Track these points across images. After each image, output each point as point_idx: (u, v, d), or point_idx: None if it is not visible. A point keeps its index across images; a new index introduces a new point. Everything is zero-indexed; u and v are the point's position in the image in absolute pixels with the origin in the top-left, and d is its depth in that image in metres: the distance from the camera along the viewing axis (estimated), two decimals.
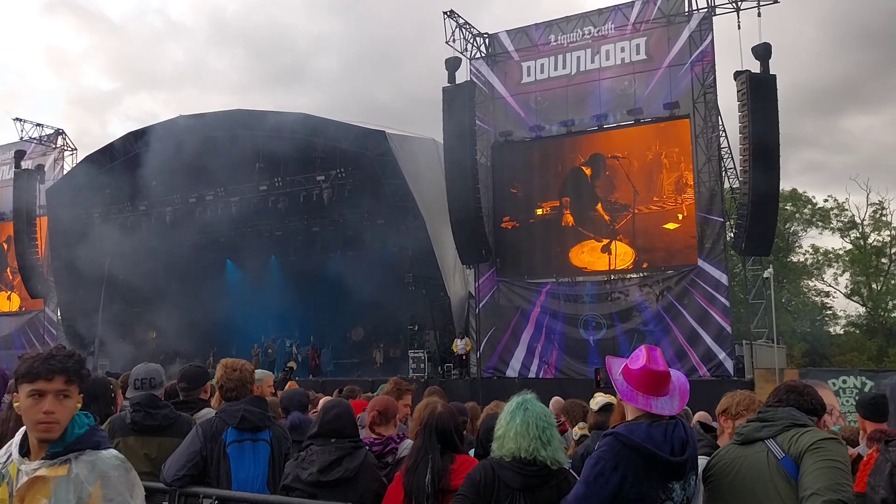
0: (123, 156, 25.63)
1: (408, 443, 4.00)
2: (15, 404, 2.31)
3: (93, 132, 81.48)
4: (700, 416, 5.28)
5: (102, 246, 26.72)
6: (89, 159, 26.84)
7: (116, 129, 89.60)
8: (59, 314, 29.28)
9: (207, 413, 4.48)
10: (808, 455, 2.58)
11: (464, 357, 22.17)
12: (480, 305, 21.28)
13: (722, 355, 17.78)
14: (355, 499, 3.39)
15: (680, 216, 18.68)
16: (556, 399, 6.94)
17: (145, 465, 4.05)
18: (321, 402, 5.39)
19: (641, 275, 19.88)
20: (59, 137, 30.63)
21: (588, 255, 19.90)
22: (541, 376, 19.64)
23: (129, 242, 27.15)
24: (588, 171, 19.89)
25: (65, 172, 29.39)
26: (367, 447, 3.90)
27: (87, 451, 2.27)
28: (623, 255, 19.42)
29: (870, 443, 4.12)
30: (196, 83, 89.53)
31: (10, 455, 2.30)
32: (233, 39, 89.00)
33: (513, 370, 20.17)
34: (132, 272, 27.47)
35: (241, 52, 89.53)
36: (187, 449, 3.82)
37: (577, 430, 5.66)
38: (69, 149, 30.72)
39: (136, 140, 25.75)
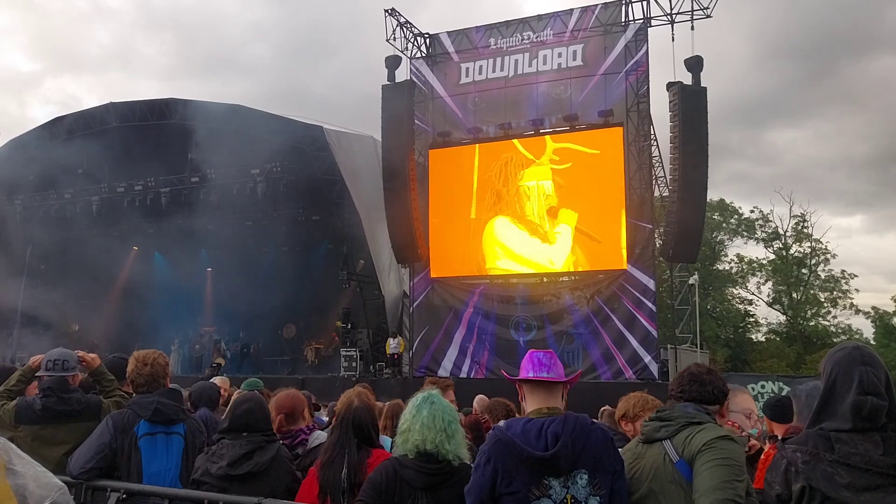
0: (49, 141, 24.63)
1: (318, 433, 3.97)
2: None
3: (11, 113, 78.09)
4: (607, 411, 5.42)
5: (24, 234, 25.70)
6: (12, 143, 25.74)
7: (36, 113, 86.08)
8: None
9: None
10: (700, 456, 2.63)
11: (396, 356, 22.13)
12: (414, 305, 21.25)
13: (647, 359, 18.19)
14: (266, 493, 3.33)
15: (610, 222, 18.98)
16: (479, 397, 6.99)
17: (60, 456, 3.86)
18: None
19: (573, 278, 20.20)
20: None
21: (521, 257, 20.06)
22: (472, 376, 19.72)
23: (53, 231, 26.21)
24: (523, 175, 20.05)
25: None
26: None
27: None
28: (555, 257, 19.65)
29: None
30: (123, 67, 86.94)
31: None
32: (161, 24, 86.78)
33: (444, 370, 20.21)
34: (55, 262, 26.53)
35: (170, 38, 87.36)
36: (96, 441, 3.70)
37: None
38: None
39: (63, 125, 24.85)
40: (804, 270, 42.54)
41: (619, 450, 2.97)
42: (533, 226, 19.76)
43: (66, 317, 27.84)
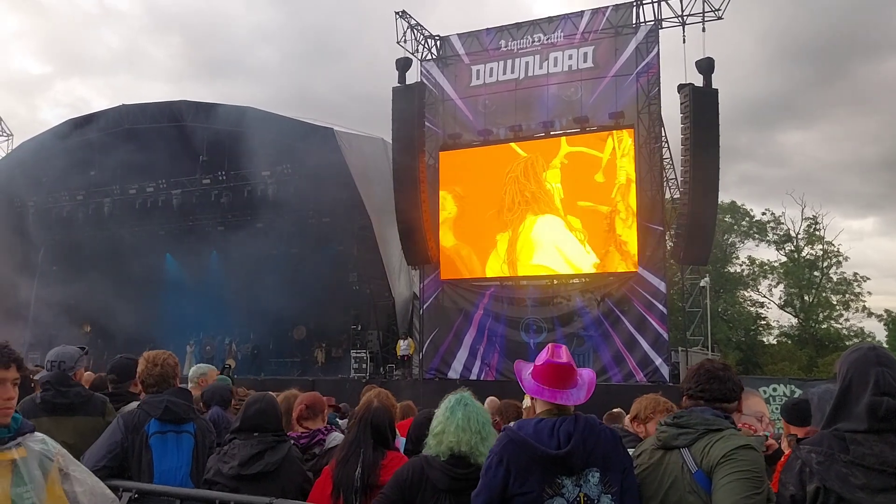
0: (61, 144, 24.81)
1: (335, 435, 3.99)
2: None
3: (20, 116, 78.72)
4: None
5: (37, 236, 25.86)
6: (25, 146, 25.96)
7: (47, 115, 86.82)
8: None
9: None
10: (719, 468, 2.59)
11: (406, 358, 22.14)
12: (424, 307, 21.25)
13: (658, 361, 18.11)
14: (277, 493, 3.35)
15: (621, 224, 18.93)
16: (490, 399, 6.96)
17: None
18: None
19: (583, 280, 20.14)
20: None
21: (531, 260, 20.02)
22: (482, 378, 19.71)
23: (65, 232, 26.36)
24: (534, 177, 20.02)
25: None
26: (294, 440, 3.87)
27: (25, 434, 2.40)
28: (566, 260, 19.60)
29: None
30: (131, 70, 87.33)
31: None
32: (169, 27, 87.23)
33: (455, 372, 20.21)
34: (67, 264, 26.66)
35: (178, 40, 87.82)
36: (108, 440, 3.72)
37: None
38: (4, 134, 29.65)
39: (75, 128, 25.01)
40: (816, 273, 42.26)
41: (631, 451, 2.95)
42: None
43: (78, 318, 27.99)
